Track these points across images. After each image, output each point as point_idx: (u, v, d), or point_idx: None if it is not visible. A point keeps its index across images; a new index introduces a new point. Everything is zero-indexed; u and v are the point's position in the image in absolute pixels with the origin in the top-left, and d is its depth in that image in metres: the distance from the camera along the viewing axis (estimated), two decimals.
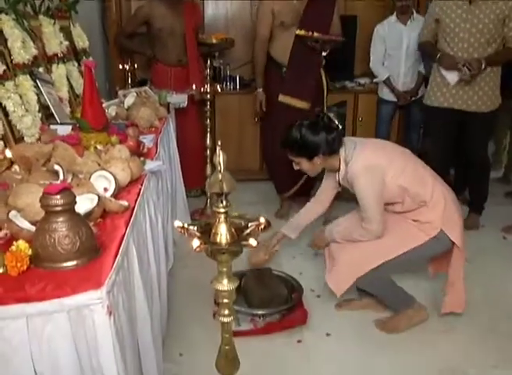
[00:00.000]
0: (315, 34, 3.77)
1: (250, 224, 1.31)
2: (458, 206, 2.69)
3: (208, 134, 4.16)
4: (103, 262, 1.46)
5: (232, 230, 1.29)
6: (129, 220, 1.77)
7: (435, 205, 2.59)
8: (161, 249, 2.47)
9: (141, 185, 2.12)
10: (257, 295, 2.87)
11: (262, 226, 1.30)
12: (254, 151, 4.99)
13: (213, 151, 1.19)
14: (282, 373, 2.45)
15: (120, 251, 1.55)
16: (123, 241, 1.61)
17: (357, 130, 5.09)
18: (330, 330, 2.76)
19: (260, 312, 2.79)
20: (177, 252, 3.36)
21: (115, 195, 1.90)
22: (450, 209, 2.61)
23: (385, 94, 4.63)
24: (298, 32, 3.79)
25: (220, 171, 1.23)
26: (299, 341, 2.68)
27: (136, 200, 1.96)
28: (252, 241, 1.26)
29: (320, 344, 2.67)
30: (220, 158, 1.23)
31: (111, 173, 1.92)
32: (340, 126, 2.56)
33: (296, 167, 2.69)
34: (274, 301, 2.85)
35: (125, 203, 1.84)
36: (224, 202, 1.26)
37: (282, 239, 3.01)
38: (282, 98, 3.99)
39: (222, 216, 1.28)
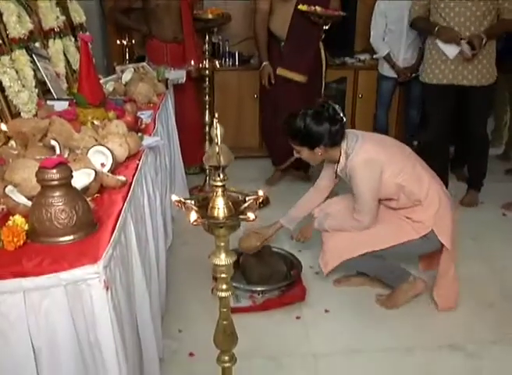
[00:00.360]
0: (318, 9, 3.74)
1: (247, 198, 1.30)
2: (453, 208, 2.68)
3: (207, 111, 4.13)
4: (100, 236, 1.45)
5: (230, 203, 1.28)
6: (127, 195, 1.77)
7: (429, 205, 2.60)
8: (159, 225, 2.46)
9: (139, 160, 2.12)
10: (256, 272, 2.87)
11: (260, 200, 1.29)
12: (254, 127, 4.96)
13: (212, 127, 1.17)
14: (281, 349, 2.46)
15: (117, 226, 1.54)
16: (120, 216, 1.61)
17: (357, 107, 5.06)
18: (329, 307, 2.76)
19: (259, 288, 2.80)
20: (176, 229, 3.37)
21: (113, 171, 1.89)
22: (444, 211, 2.62)
23: (386, 70, 4.58)
24: (300, 7, 3.75)
25: (217, 144, 1.21)
26: (298, 318, 2.69)
27: (134, 175, 1.96)
28: (250, 215, 1.25)
29: (319, 320, 2.68)
30: (217, 130, 1.21)
31: (108, 148, 1.91)
32: (345, 119, 2.52)
33: (296, 155, 2.68)
34: (273, 277, 2.86)
35: (122, 178, 1.83)
36: (221, 175, 1.24)
37: (280, 229, 3.00)
38: (280, 71, 3.99)
39: (220, 190, 1.26)
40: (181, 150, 3.81)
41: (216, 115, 1.23)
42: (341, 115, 2.50)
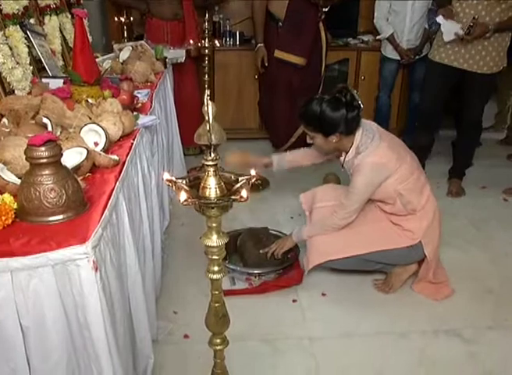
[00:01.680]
0: None
1: (240, 178, 1.27)
2: (441, 226, 2.70)
3: (207, 91, 4.08)
4: (90, 216, 1.44)
5: (222, 183, 1.26)
6: (120, 175, 1.75)
7: (423, 217, 2.60)
8: (154, 206, 2.45)
9: (133, 140, 2.10)
10: (253, 254, 2.86)
11: (254, 181, 1.27)
12: (254, 109, 4.91)
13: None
14: (277, 333, 2.45)
15: (109, 205, 1.52)
16: (112, 196, 1.59)
17: (359, 89, 4.98)
18: (325, 290, 2.75)
19: (256, 271, 2.78)
20: (174, 210, 3.36)
21: (106, 150, 1.87)
22: (435, 226, 2.64)
23: (389, 51, 4.51)
24: None
25: (208, 122, 1.18)
26: (294, 301, 2.68)
27: (128, 154, 1.94)
28: (243, 194, 1.23)
29: (315, 303, 2.67)
30: (208, 108, 1.19)
31: (101, 126, 1.89)
32: (362, 105, 2.46)
33: (309, 141, 2.63)
34: (270, 260, 2.84)
35: (115, 157, 1.81)
36: (213, 155, 1.22)
37: (267, 165, 2.94)
38: (277, 53, 3.96)
39: (211, 169, 1.24)
40: (180, 130, 3.79)
41: (207, 92, 1.21)
42: (359, 101, 2.45)
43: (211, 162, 1.23)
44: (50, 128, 1.81)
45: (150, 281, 2.17)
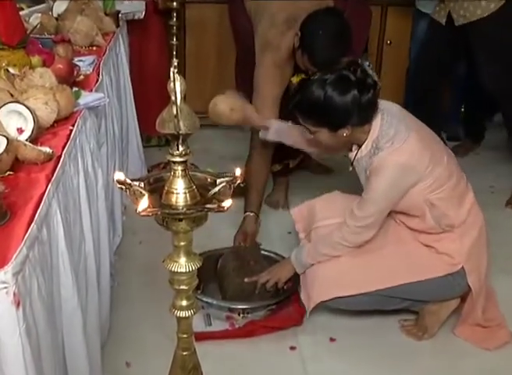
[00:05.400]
0: None
1: (219, 180, 1.28)
2: (489, 248, 2.70)
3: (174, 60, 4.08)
4: (11, 231, 1.43)
5: (194, 187, 1.27)
6: (53, 174, 1.75)
7: (464, 234, 2.61)
8: (101, 217, 2.46)
9: (73, 126, 2.11)
10: (234, 283, 2.87)
11: (237, 183, 1.28)
12: None
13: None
14: None
15: (37, 216, 1.52)
16: (42, 203, 1.59)
17: (384, 58, 5.03)
18: (335, 335, 2.76)
19: (239, 306, 2.79)
20: (129, 223, 3.35)
21: (34, 139, 1.88)
22: (480, 247, 2.65)
23: (425, 4, 4.52)
24: None
25: (175, 103, 1.18)
26: (292, 349, 2.68)
27: (65, 146, 1.94)
28: (224, 201, 1.23)
29: (321, 353, 2.68)
30: (176, 84, 1.19)
31: (28, 107, 1.89)
32: (379, 83, 2.46)
33: (309, 136, 2.63)
34: (259, 291, 2.85)
35: (47, 150, 1.82)
36: (181, 148, 1.22)
37: (257, 122, 3.08)
38: None
39: (179, 168, 1.24)
40: (139, 113, 3.79)
41: (175, 62, 1.20)
42: (374, 78, 2.45)
43: (178, 159, 1.23)
44: None
45: (94, 320, 2.16)
